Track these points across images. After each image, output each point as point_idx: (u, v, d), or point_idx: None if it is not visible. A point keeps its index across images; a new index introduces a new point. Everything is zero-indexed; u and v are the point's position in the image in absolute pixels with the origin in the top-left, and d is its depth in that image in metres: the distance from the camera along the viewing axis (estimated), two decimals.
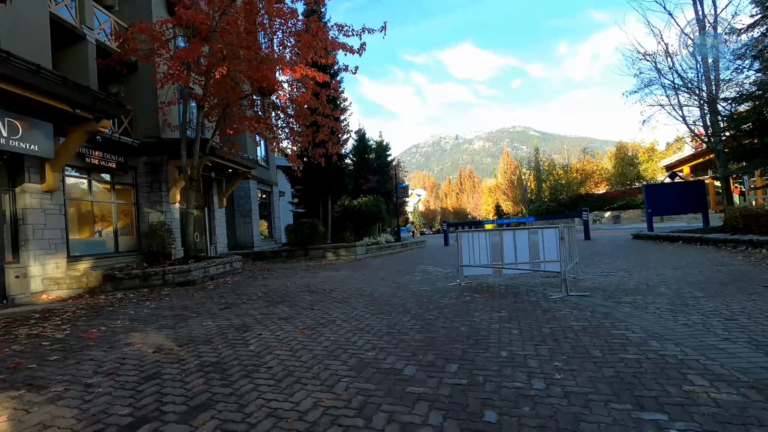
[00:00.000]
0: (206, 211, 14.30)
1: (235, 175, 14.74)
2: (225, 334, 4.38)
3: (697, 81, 11.53)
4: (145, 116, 11.33)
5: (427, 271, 9.84)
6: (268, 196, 20.42)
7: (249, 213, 17.50)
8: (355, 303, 5.92)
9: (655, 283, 6.17)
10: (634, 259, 9.26)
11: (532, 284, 7.09)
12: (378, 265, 11.94)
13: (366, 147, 36.45)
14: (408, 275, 9.18)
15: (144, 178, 11.54)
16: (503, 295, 5.98)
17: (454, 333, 4.05)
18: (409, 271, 9.90)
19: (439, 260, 12.32)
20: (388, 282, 8.17)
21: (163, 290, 7.81)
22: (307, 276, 9.78)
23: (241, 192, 17.57)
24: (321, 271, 10.86)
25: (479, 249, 7.70)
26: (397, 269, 10.53)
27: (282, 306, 5.90)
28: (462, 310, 5.14)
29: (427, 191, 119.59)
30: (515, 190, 53.14)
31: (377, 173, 35.27)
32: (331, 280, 8.76)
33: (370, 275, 9.47)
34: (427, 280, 8.19)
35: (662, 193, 13.13)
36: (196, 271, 8.48)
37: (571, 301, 5.34)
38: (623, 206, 38.20)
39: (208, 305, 6.20)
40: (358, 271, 10.38)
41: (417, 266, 10.99)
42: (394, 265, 11.73)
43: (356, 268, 11.33)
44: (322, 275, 9.83)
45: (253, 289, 7.73)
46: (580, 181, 41.21)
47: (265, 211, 20.14)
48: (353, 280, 8.75)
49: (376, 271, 10.34)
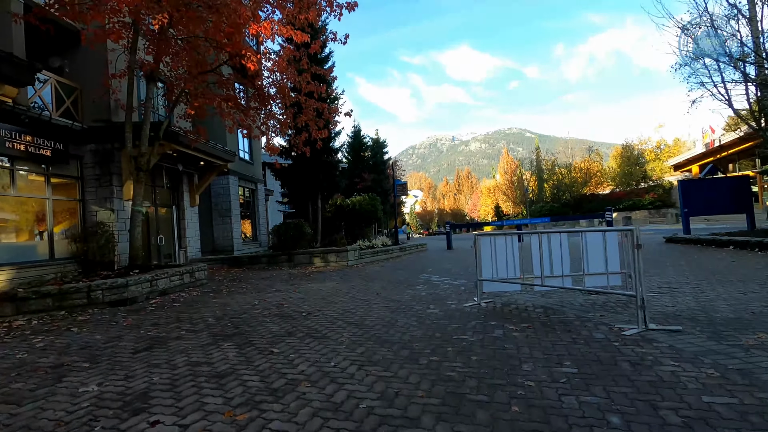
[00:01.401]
0: (174, 210, 12.39)
1: (209, 169, 12.85)
2: (92, 424, 2.49)
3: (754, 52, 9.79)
4: (94, 96, 9.43)
5: (433, 283, 8.00)
6: (251, 195, 18.52)
7: (228, 212, 15.59)
8: (336, 339, 4.08)
9: (760, 309, 4.37)
10: (690, 270, 7.47)
11: (576, 306, 5.30)
12: (373, 273, 10.10)
13: (361, 144, 34.61)
14: (410, 289, 7.34)
15: (91, 170, 9.63)
16: (548, 327, 4.16)
17: (504, 418, 2.21)
18: (410, 283, 8.06)
19: (444, 268, 10.48)
20: (385, 300, 6.32)
21: (84, 313, 5.92)
22: (284, 289, 7.91)
23: (219, 189, 15.67)
24: (304, 281, 8.99)
25: (503, 258, 5.90)
26: (396, 279, 8.68)
27: (229, 344, 4.04)
28: (498, 356, 3.32)
29: (424, 192, 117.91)
30: (515, 191, 51.47)
31: (373, 171, 33.41)
32: (312, 296, 6.90)
33: (362, 288, 7.62)
34: (435, 298, 6.36)
35: (700, 191, 11.43)
36: (137, 285, 6.59)
37: (661, 341, 3.53)
38: (629, 207, 36.60)
39: (124, 342, 4.32)
40: (348, 282, 8.54)
41: (419, 276, 9.15)
42: (392, 273, 9.89)
43: (347, 277, 9.48)
44: (304, 288, 7.96)
45: (206, 312, 5.86)
46: (584, 180, 39.57)
47: (249, 211, 18.23)
48: (340, 296, 6.90)
49: (371, 282, 8.50)
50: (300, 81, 8.68)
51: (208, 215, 15.65)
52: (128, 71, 7.65)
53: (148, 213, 11.52)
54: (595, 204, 38.33)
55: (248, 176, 17.72)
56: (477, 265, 5.98)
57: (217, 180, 15.67)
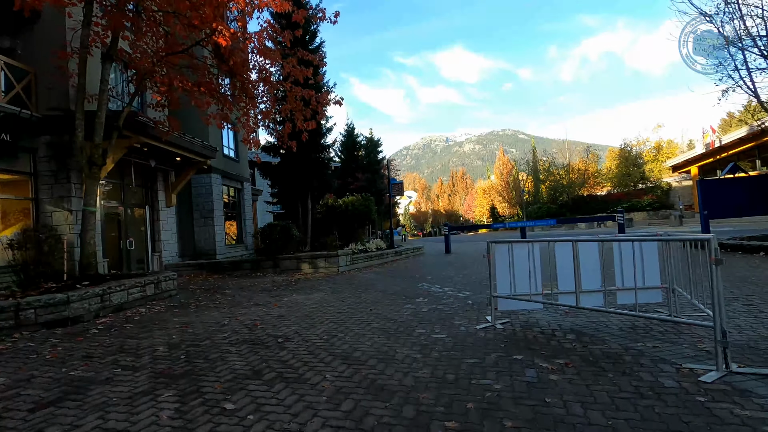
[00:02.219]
0: (148, 211, 11.25)
1: (187, 166, 11.73)
2: None
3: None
4: (50, 81, 8.30)
5: (434, 294, 6.99)
6: (237, 194, 17.39)
7: (210, 213, 14.46)
8: (316, 385, 3.05)
9: None
10: (730, 282, 6.53)
11: (614, 330, 4.36)
12: (366, 281, 9.07)
13: (355, 143, 33.53)
14: (408, 303, 6.33)
15: (46, 165, 8.49)
16: (593, 365, 3.16)
17: None
18: (408, 295, 7.05)
19: (445, 275, 9.48)
20: (380, 318, 5.30)
21: (8, 339, 4.82)
22: (263, 303, 6.85)
23: (200, 188, 14.54)
24: (287, 292, 7.94)
25: (524, 270, 4.92)
26: (392, 290, 7.66)
27: (170, 394, 2.99)
28: (540, 421, 2.31)
29: (418, 193, 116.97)
30: (511, 192, 50.71)
31: (367, 171, 32.34)
32: (294, 313, 5.86)
33: (353, 302, 6.59)
34: (439, 315, 5.35)
35: (722, 190, 10.58)
36: (82, 301, 5.49)
37: (761, 393, 2.56)
38: (628, 208, 35.89)
39: (31, 388, 3.24)
40: (337, 293, 7.50)
41: (418, 285, 8.14)
42: (388, 282, 8.88)
43: (336, 287, 8.44)
44: (286, 301, 6.91)
45: (160, 337, 4.79)
46: (582, 181, 38.85)
47: (234, 212, 17.10)
48: (327, 312, 5.86)
49: (363, 292, 7.47)
50: (283, 64, 7.64)
51: (189, 216, 14.52)
52: (80, 47, 6.55)
53: (119, 215, 10.40)
54: (593, 205, 37.65)
55: (233, 175, 16.60)
56: (491, 278, 5.00)
57: (198, 178, 14.54)
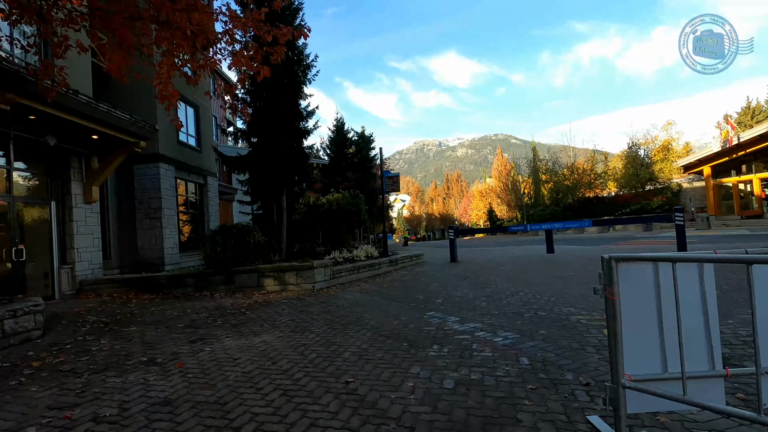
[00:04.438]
0: (54, 208, 8.27)
1: (115, 149, 8.80)
2: None
3: None
4: None
5: (456, 339, 4.16)
6: (199, 191, 14.44)
7: (157, 213, 11.51)
8: None
9: None
10: None
11: None
12: (348, 308, 6.22)
13: (345, 139, 30.74)
14: (416, 362, 3.50)
15: None
16: None
17: None
18: (413, 340, 4.21)
19: (462, 297, 6.65)
20: (363, 412, 2.44)
21: None
22: (163, 360, 3.96)
23: (145, 181, 11.59)
24: (222, 330, 5.05)
25: (687, 324, 2.07)
26: (387, 327, 4.81)
27: None
28: None
29: (412, 197, 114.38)
30: (510, 194, 48.20)
31: (358, 170, 29.56)
32: (197, 395, 2.97)
33: (318, 360, 3.73)
34: (481, 406, 2.46)
35: None
36: None
37: None
38: (638, 211, 33.55)
39: None
40: (299, 335, 4.65)
41: (426, 317, 5.31)
42: (380, 310, 6.03)
43: (304, 318, 5.57)
44: (206, 355, 4.04)
45: None
46: (588, 182, 36.41)
47: (195, 212, 14.14)
48: (264, 389, 2.99)
49: (340, 333, 4.62)
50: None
51: (129, 216, 11.55)
52: None
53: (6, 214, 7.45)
54: (601, 208, 35.18)
55: (193, 167, 13.67)
56: (613, 341, 2.17)
57: (142, 169, 11.61)
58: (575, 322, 4.65)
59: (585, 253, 12.29)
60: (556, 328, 4.48)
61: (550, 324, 4.65)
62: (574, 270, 8.75)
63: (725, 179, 32.93)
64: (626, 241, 17.42)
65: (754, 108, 55.93)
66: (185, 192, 13.58)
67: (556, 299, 5.97)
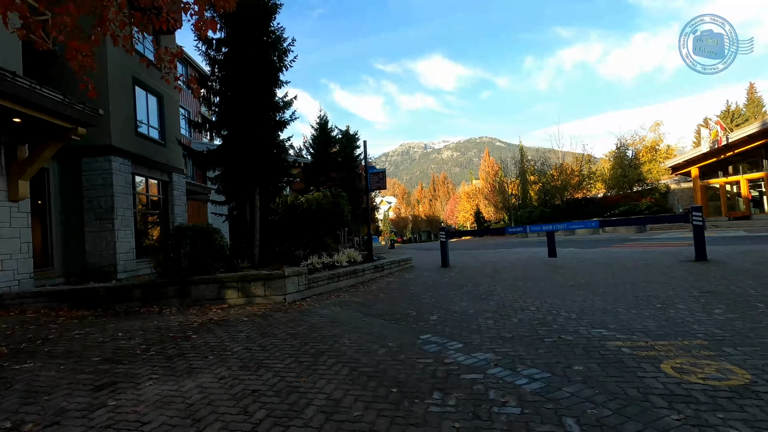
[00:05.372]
0: None
1: (47, 136, 7.38)
2: None
3: None
4: None
5: (462, 378, 2.97)
6: (163, 189, 13.00)
7: (109, 213, 10.07)
8: None
9: None
10: None
11: None
12: (322, 330, 5.00)
13: (328, 138, 29.47)
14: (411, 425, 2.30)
15: None
16: None
17: None
18: (405, 382, 2.98)
19: (461, 312, 5.50)
20: None
21: None
22: (43, 429, 2.69)
23: (95, 177, 10.14)
24: (149, 368, 3.77)
25: None
26: (369, 360, 3.58)
27: None
28: None
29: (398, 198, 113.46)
30: (497, 195, 47.58)
31: (342, 169, 28.35)
32: None
33: (273, 425, 2.48)
34: None
35: None
36: None
37: None
38: (626, 212, 33.14)
39: None
40: (254, 372, 3.40)
41: (420, 343, 4.11)
42: (361, 331, 4.83)
43: (265, 345, 4.33)
44: (113, 410, 2.74)
45: None
46: (578, 182, 35.90)
47: (157, 213, 12.70)
48: None
49: (308, 369, 3.38)
50: None
51: (77, 217, 10.08)
52: None
53: None
54: (590, 209, 34.72)
55: (156, 162, 12.24)
56: None
57: (91, 162, 10.16)
58: (616, 352, 3.54)
59: (589, 257, 11.33)
60: (594, 361, 3.36)
61: (584, 355, 3.53)
62: (584, 277, 7.71)
63: (713, 180, 32.79)
64: (623, 243, 16.61)
65: (733, 111, 56.90)
66: (146, 190, 12.15)
67: (578, 316, 4.88)
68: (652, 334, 3.98)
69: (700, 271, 7.29)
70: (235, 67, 11.14)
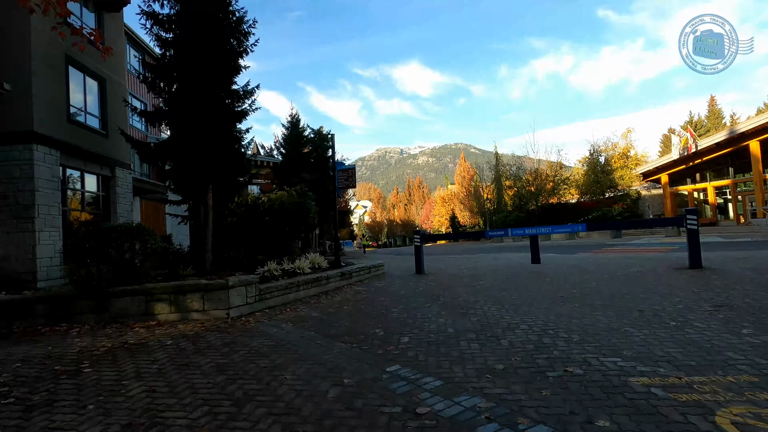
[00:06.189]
0: None
1: None
2: None
3: None
4: None
5: None
6: (104, 186, 11.47)
7: (28, 212, 8.57)
8: None
9: None
10: None
11: None
12: (262, 359, 3.90)
13: (300, 137, 28.15)
14: None
15: None
16: None
17: None
18: None
19: (438, 331, 4.50)
20: None
21: None
22: None
23: (12, 169, 8.62)
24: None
25: None
26: (315, 415, 2.50)
27: None
28: None
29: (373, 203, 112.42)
30: (473, 200, 47.35)
31: (315, 170, 27.06)
32: None
33: None
34: None
35: None
36: None
37: None
38: (599, 218, 33.39)
39: None
40: None
41: (386, 379, 3.06)
42: (313, 361, 3.75)
43: (176, 384, 3.19)
44: None
45: None
46: (552, 188, 35.94)
47: (95, 212, 11.16)
48: None
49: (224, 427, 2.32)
50: None
51: None
52: None
53: None
54: (564, 214, 34.80)
55: (95, 153, 10.75)
56: None
57: (7, 152, 8.63)
58: (647, 395, 2.62)
59: (573, 263, 10.62)
60: (622, 411, 2.42)
61: (606, 399, 2.59)
62: (575, 287, 6.89)
63: (681, 187, 33.47)
64: (602, 249, 16.18)
65: (696, 122, 59.21)
66: (81, 185, 10.63)
67: (581, 338, 3.97)
68: (682, 365, 3.09)
69: (700, 280, 6.61)
70: (187, 48, 9.87)
